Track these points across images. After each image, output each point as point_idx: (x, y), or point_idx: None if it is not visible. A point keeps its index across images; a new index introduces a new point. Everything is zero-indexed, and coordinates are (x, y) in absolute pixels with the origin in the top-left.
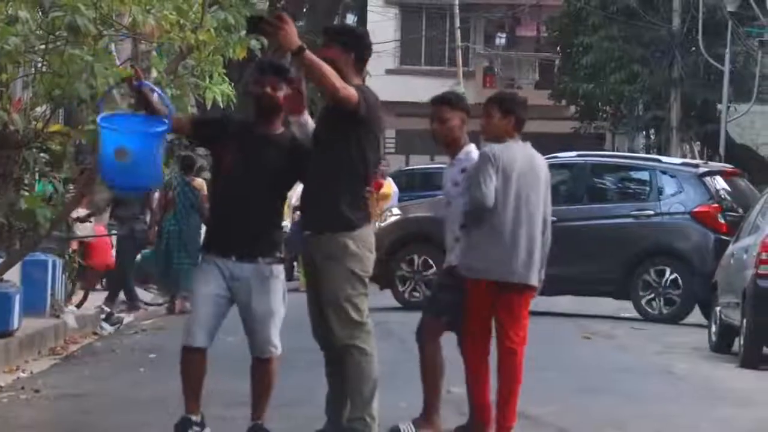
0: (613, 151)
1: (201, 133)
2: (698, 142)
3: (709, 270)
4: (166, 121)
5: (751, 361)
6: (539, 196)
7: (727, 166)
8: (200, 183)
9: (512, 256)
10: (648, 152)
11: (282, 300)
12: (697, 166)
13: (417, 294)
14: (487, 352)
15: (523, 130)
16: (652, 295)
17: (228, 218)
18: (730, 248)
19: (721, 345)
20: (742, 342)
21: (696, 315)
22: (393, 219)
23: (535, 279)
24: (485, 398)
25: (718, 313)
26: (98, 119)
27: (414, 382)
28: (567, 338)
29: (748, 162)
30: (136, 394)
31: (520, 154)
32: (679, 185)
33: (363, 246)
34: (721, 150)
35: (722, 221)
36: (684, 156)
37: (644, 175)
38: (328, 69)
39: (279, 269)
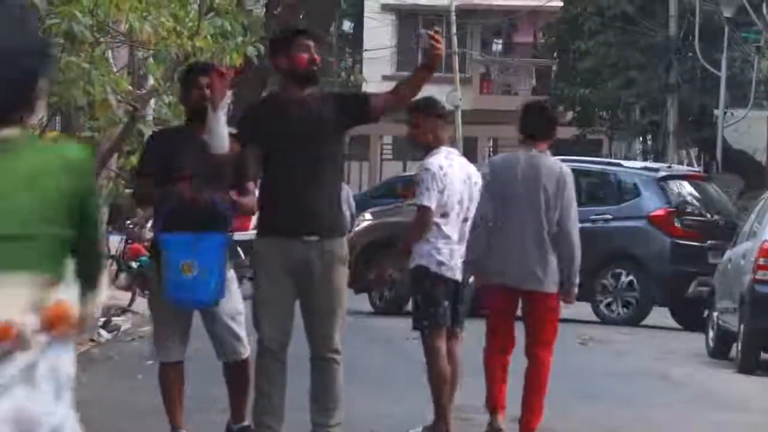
0: (610, 157)
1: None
2: (695, 148)
3: (665, 273)
4: (225, 234)
5: (748, 366)
6: (539, 203)
7: (693, 170)
8: None
9: (507, 262)
10: (645, 158)
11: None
12: (657, 170)
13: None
14: (506, 352)
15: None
16: (610, 299)
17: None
18: (728, 254)
19: (719, 350)
20: (739, 347)
21: (654, 317)
22: (365, 224)
23: (542, 284)
24: (502, 396)
25: (715, 319)
26: (163, 238)
27: (406, 387)
28: (563, 343)
29: (745, 167)
30: (133, 401)
31: (522, 163)
32: (637, 190)
33: None
34: (718, 155)
35: (678, 225)
36: (681, 162)
37: (604, 179)
38: None
39: (232, 272)
